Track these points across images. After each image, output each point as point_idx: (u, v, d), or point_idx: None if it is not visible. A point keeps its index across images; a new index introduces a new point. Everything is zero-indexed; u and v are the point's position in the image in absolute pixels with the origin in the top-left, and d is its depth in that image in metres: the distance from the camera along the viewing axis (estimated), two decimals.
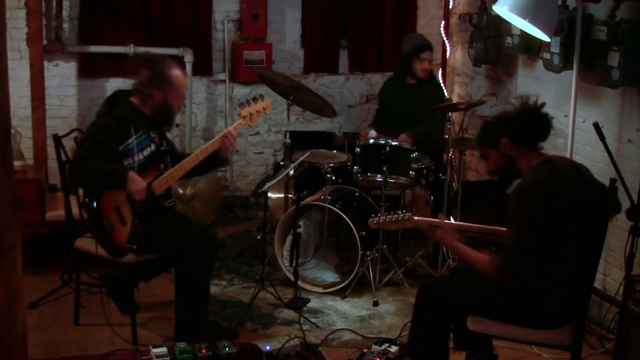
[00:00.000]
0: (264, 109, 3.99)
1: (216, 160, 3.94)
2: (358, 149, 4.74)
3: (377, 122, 5.54)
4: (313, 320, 4.22)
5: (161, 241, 3.80)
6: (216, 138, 3.89)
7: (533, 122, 3.05)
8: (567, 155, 4.22)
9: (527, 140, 3.05)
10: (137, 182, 3.68)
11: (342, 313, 4.36)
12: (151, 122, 3.86)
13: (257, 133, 6.17)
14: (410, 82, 5.40)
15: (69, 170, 3.88)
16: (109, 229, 3.73)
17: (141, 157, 3.79)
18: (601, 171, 4.09)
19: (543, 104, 3.14)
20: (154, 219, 3.77)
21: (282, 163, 5.04)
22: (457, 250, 3.25)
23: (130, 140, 3.74)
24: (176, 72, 3.82)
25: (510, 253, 2.96)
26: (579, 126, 4.36)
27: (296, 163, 4.58)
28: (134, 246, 3.73)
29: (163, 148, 3.91)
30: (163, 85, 3.78)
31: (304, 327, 4.11)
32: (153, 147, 3.86)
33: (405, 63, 5.34)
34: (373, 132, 5.07)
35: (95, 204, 3.70)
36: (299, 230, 4.50)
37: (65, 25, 5.46)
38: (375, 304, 4.47)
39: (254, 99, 3.98)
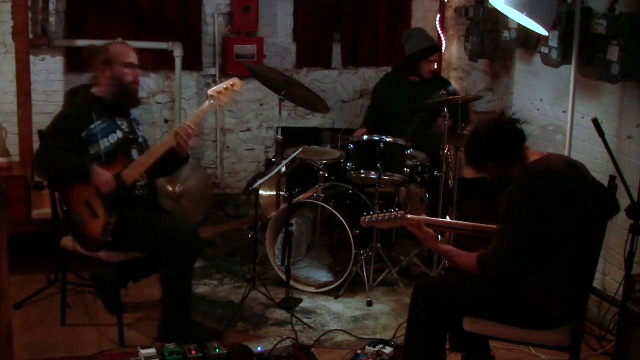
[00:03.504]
0: (232, 85, 3.94)
1: (177, 157, 3.90)
2: (351, 146, 4.70)
3: (369, 120, 5.48)
4: (305, 320, 4.19)
5: (137, 238, 3.76)
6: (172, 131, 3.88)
7: (507, 138, 3.02)
8: (566, 151, 4.23)
9: (510, 155, 3.03)
10: (102, 175, 3.66)
11: (335, 313, 4.33)
12: (115, 108, 3.86)
13: (248, 129, 6.12)
14: (413, 79, 5.35)
15: (32, 161, 3.92)
16: (80, 223, 3.72)
17: (107, 143, 3.76)
18: (600, 168, 4.08)
19: (502, 111, 3.21)
20: (129, 211, 3.73)
21: (273, 160, 5.01)
22: (440, 252, 3.27)
23: (92, 126, 3.73)
24: (114, 45, 3.91)
25: (495, 253, 2.96)
26: (577, 122, 4.35)
27: (288, 160, 4.55)
28: (109, 238, 3.69)
29: (132, 136, 3.89)
30: (105, 58, 3.83)
31: (296, 328, 4.08)
32: (120, 134, 3.83)
33: (411, 63, 5.30)
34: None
35: (63, 198, 3.71)
36: (290, 228, 4.47)
37: (52, 19, 5.39)
38: (369, 304, 4.43)
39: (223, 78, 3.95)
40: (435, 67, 5.41)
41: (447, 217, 4.80)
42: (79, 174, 3.65)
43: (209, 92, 3.89)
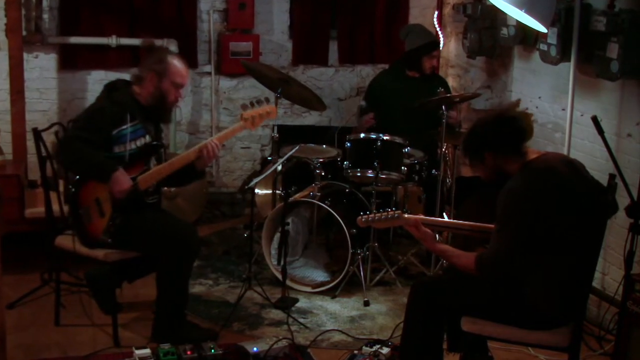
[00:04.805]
0: (267, 113, 3.92)
1: (193, 171, 3.88)
2: (348, 144, 4.67)
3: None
4: (302, 320, 4.16)
5: (137, 238, 3.76)
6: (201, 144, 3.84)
7: (510, 130, 3.00)
8: (565, 149, 4.22)
9: (510, 148, 3.01)
10: (122, 183, 3.64)
11: (331, 313, 4.30)
12: (148, 114, 3.84)
13: None
14: (412, 75, 5.32)
15: (58, 147, 3.86)
16: (86, 219, 3.71)
17: (134, 146, 3.76)
18: (600, 166, 4.06)
19: (518, 102, 3.12)
20: (133, 215, 3.73)
21: (269, 158, 5.00)
22: (438, 251, 3.26)
23: (124, 127, 3.72)
24: (174, 60, 3.83)
25: (494, 253, 2.96)
26: (577, 120, 4.33)
27: (284, 158, 4.52)
28: (109, 239, 3.69)
29: (156, 142, 3.88)
30: (157, 68, 3.78)
31: (293, 328, 4.05)
32: (149, 138, 3.83)
33: (413, 59, 5.27)
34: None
35: (74, 189, 3.69)
36: (287, 227, 4.46)
37: (45, 16, 5.37)
38: (366, 304, 4.41)
39: (259, 102, 3.89)
40: (436, 63, 5.38)
41: (445, 216, 4.77)
42: (101, 174, 3.65)
43: (245, 114, 3.85)
